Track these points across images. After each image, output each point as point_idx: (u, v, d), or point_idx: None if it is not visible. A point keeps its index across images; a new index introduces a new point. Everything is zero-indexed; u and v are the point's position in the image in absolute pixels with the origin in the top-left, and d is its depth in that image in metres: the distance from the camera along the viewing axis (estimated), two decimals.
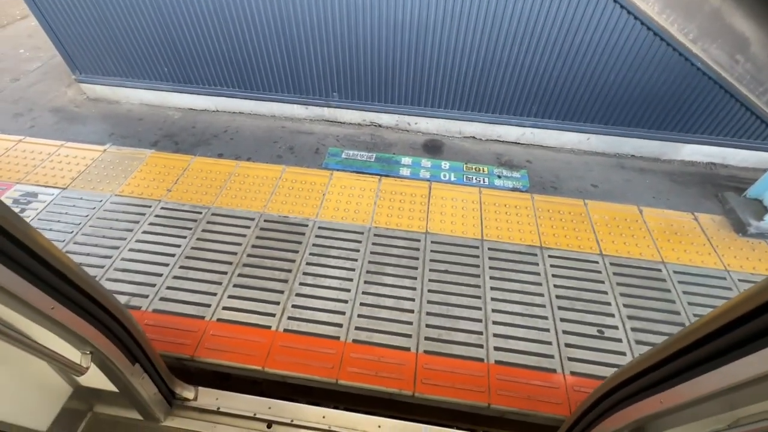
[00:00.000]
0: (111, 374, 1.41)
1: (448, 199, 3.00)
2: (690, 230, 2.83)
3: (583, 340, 2.19)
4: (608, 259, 2.62)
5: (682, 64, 3.03)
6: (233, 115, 3.95)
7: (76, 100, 4.07)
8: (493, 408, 1.92)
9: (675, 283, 2.49)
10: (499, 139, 3.76)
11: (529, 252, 2.64)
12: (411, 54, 3.31)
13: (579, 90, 3.32)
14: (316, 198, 2.95)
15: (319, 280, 2.41)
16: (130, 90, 3.96)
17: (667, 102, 3.26)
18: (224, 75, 3.70)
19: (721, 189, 3.21)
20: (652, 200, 3.19)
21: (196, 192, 2.95)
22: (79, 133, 3.62)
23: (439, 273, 2.48)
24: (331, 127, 3.85)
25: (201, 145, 3.56)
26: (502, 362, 2.08)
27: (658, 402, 0.96)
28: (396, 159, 3.45)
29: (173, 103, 3.99)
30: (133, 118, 3.87)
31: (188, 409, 1.82)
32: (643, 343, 2.18)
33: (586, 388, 1.98)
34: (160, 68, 3.73)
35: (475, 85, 3.43)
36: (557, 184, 3.31)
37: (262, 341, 2.11)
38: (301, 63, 3.50)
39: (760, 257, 2.67)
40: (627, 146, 3.60)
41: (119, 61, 3.75)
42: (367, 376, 2.00)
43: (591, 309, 2.33)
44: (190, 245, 2.57)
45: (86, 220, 2.70)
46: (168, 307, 2.25)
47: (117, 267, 2.43)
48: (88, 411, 1.78)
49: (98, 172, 3.07)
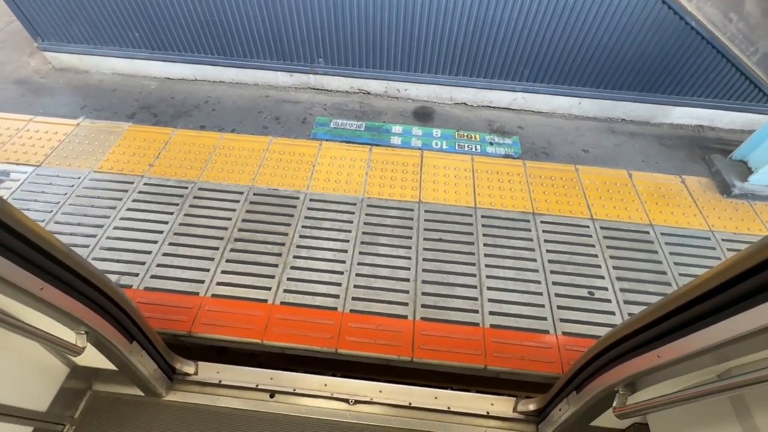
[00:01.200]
0: (108, 353, 1.39)
1: (441, 168, 2.96)
2: (677, 193, 2.89)
3: (574, 302, 2.25)
4: (599, 223, 2.66)
5: (676, 24, 2.96)
6: (214, 85, 3.75)
7: (41, 71, 3.79)
8: (489, 369, 1.99)
9: (662, 245, 2.55)
10: (490, 105, 3.68)
11: (521, 218, 2.66)
12: (399, 16, 3.14)
13: (571, 53, 3.24)
14: (306, 169, 2.88)
15: (314, 252, 2.39)
16: (99, 58, 3.70)
17: (659, 64, 3.22)
18: (202, 41, 3.48)
19: (709, 151, 3.25)
20: (642, 164, 3.21)
21: (180, 166, 2.84)
22: (47, 106, 3.40)
23: (434, 242, 2.49)
24: (318, 95, 3.70)
25: (182, 116, 3.39)
26: (497, 326, 2.13)
27: (656, 357, 1.00)
28: (386, 127, 3.37)
29: (148, 71, 3.76)
30: (106, 89, 3.64)
31: (189, 383, 1.83)
32: (631, 303, 2.26)
33: (578, 347, 2.06)
34: (131, 33, 3.47)
35: (466, 49, 3.31)
36: (549, 150, 3.30)
37: (259, 315, 2.11)
38: (284, 27, 3.30)
39: (742, 217, 2.75)
40: (618, 110, 3.58)
41: (85, 26, 3.47)
42: (365, 344, 2.03)
43: (582, 272, 2.39)
44: (178, 221, 2.50)
45: (65, 198, 2.58)
46: (160, 284, 2.21)
47: (103, 246, 2.36)
48: (88, 389, 1.77)
49: (73, 148, 2.91)
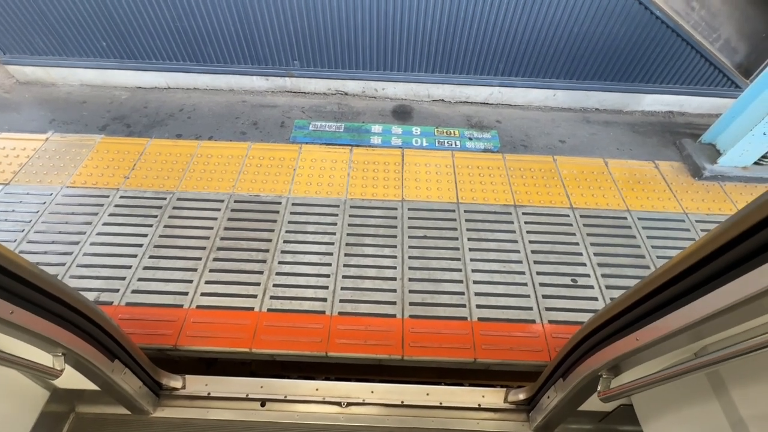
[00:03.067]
0: (89, 373, 1.35)
1: (422, 165, 2.98)
2: (651, 178, 2.97)
3: (558, 290, 2.30)
4: (578, 211, 2.71)
5: (642, 14, 3.05)
6: (188, 92, 3.68)
7: (4, 85, 3.64)
8: (479, 362, 2.01)
9: (639, 229, 2.63)
10: (468, 101, 3.72)
11: (503, 211, 2.69)
12: (373, 16, 3.14)
13: (544, 44, 3.29)
14: (287, 174, 2.85)
15: (299, 257, 2.37)
16: (66, 69, 3.58)
17: (628, 53, 3.31)
18: (173, 47, 3.40)
19: (679, 136, 3.35)
20: (617, 152, 3.30)
21: (157, 177, 2.77)
22: (13, 122, 3.27)
23: (418, 239, 2.50)
24: (296, 98, 3.67)
25: (156, 126, 3.31)
26: (485, 318, 2.16)
27: (634, 340, 1.02)
28: (366, 128, 3.36)
29: (119, 81, 3.65)
30: (75, 101, 3.52)
31: (177, 398, 1.79)
32: (613, 287, 2.32)
33: (564, 334, 2.10)
34: (98, 42, 3.37)
35: (440, 45, 3.33)
36: (527, 143, 3.35)
37: (246, 323, 2.08)
38: (257, 30, 3.26)
39: (714, 198, 2.85)
40: (591, 100, 3.66)
41: (48, 37, 3.35)
42: (356, 345, 2.03)
43: (564, 260, 2.44)
44: (158, 233, 2.45)
45: (37, 216, 2.49)
46: (142, 299, 2.15)
47: (80, 263, 2.28)
48: (71, 412, 1.72)
49: (43, 164, 2.81)
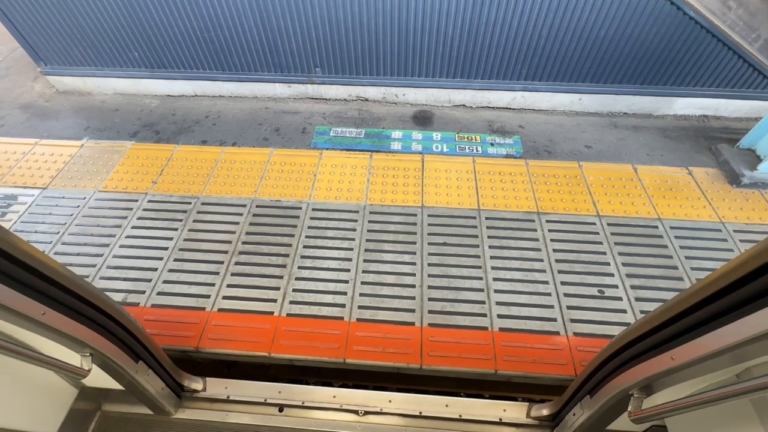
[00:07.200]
0: (115, 373, 1.39)
1: (442, 171, 2.95)
2: (685, 185, 2.83)
3: (584, 301, 2.21)
4: (605, 219, 2.61)
5: (674, 14, 2.93)
6: (213, 99, 3.79)
7: (45, 95, 3.86)
8: (500, 374, 1.95)
9: (672, 239, 2.50)
10: (489, 106, 3.66)
11: (526, 219, 2.62)
12: (394, 21, 3.15)
13: (569, 49, 3.21)
14: (308, 179, 2.88)
15: (318, 262, 2.38)
16: (101, 79, 3.76)
17: (659, 55, 3.18)
18: (200, 57, 3.52)
19: (715, 141, 3.19)
20: (647, 157, 3.16)
21: (183, 182, 2.86)
22: (52, 129, 3.45)
23: (438, 246, 2.46)
24: (317, 104, 3.72)
25: (183, 132, 3.42)
26: (507, 329, 2.10)
27: (669, 358, 0.96)
28: (386, 133, 3.36)
29: (149, 90, 3.81)
30: (108, 109, 3.69)
31: (198, 400, 1.82)
32: (642, 300, 2.21)
33: (590, 348, 2.01)
34: (131, 53, 3.53)
35: (462, 50, 3.30)
36: (551, 148, 3.27)
37: (265, 327, 2.10)
38: (280, 39, 3.33)
39: (753, 207, 2.68)
40: (620, 104, 3.54)
41: (86, 49, 3.53)
42: (374, 353, 2.01)
43: (591, 270, 2.35)
44: (183, 237, 2.51)
45: (72, 219, 2.61)
46: (166, 301, 2.21)
47: (110, 265, 2.37)
48: (97, 410, 1.77)
49: (78, 169, 2.95)
